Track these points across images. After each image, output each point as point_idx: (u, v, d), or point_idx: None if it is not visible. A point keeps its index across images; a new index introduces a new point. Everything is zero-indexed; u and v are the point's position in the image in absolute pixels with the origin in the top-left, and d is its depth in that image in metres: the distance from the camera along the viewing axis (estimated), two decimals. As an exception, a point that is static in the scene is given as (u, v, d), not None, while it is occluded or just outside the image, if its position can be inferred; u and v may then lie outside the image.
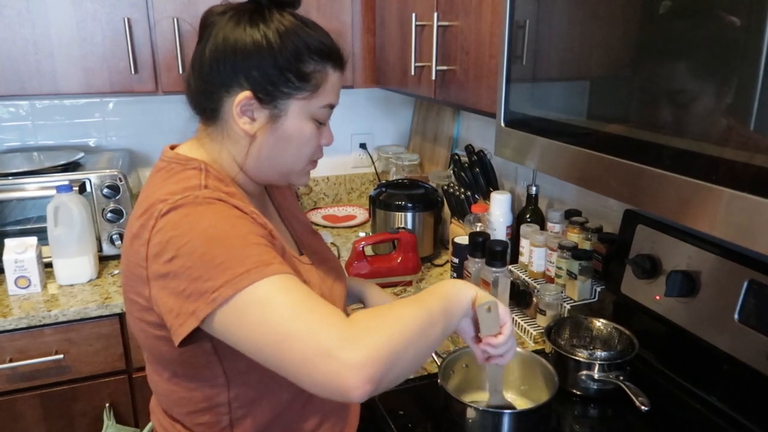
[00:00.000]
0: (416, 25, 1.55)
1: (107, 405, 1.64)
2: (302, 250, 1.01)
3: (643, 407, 1.02)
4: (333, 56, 0.87)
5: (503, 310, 0.88)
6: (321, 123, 0.89)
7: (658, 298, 1.19)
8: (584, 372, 1.13)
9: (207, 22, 0.86)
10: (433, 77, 1.49)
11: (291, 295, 0.72)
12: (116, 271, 1.74)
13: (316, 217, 2.29)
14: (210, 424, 0.90)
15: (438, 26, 1.45)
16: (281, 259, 0.77)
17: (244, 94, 0.83)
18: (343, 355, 0.67)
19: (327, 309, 0.72)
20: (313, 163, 0.94)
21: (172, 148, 0.92)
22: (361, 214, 2.32)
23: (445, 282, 0.87)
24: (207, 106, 0.87)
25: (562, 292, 1.38)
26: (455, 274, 1.54)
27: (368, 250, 1.76)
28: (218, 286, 0.71)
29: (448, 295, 0.84)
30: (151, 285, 0.78)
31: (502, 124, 1.12)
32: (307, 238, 1.05)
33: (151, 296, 0.79)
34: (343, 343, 0.68)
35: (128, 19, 1.68)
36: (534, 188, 1.61)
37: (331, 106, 0.89)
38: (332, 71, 0.87)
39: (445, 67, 1.47)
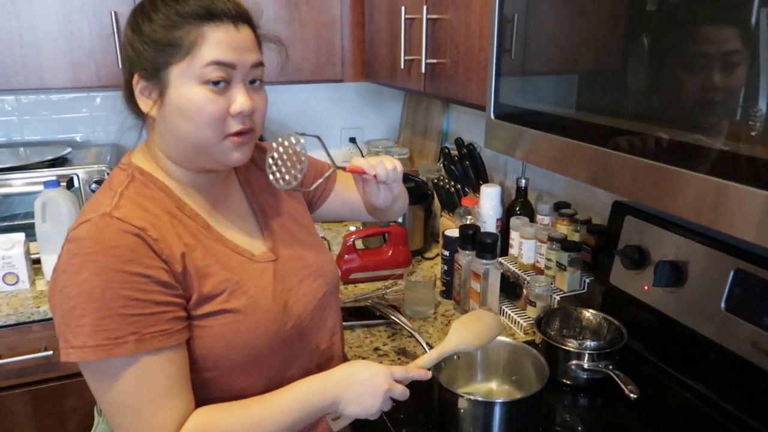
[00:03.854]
0: (405, 19, 1.55)
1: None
2: (268, 244, 0.96)
3: (632, 395, 1.03)
4: (210, 14, 0.82)
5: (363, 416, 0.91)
6: (215, 84, 0.81)
7: (646, 288, 1.20)
8: (574, 362, 1.15)
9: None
10: (423, 70, 1.50)
11: (134, 386, 0.77)
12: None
13: (306, 211, 2.28)
14: None
15: (427, 19, 1.45)
16: (150, 327, 0.77)
17: (136, 78, 0.85)
18: None
19: (161, 418, 0.78)
20: (237, 137, 0.85)
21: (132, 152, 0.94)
22: (351, 208, 2.31)
23: (323, 389, 0.88)
24: (130, 104, 0.89)
25: (551, 284, 1.39)
26: (446, 267, 1.54)
27: (359, 244, 1.76)
28: (75, 345, 0.75)
29: (309, 412, 0.87)
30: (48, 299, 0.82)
31: (492, 117, 1.12)
32: (282, 231, 1.00)
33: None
34: None
35: (115, 13, 1.67)
36: (524, 181, 1.61)
37: (218, 63, 0.81)
38: (213, 27, 0.81)
39: (434, 61, 1.47)
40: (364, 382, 0.88)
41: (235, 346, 0.86)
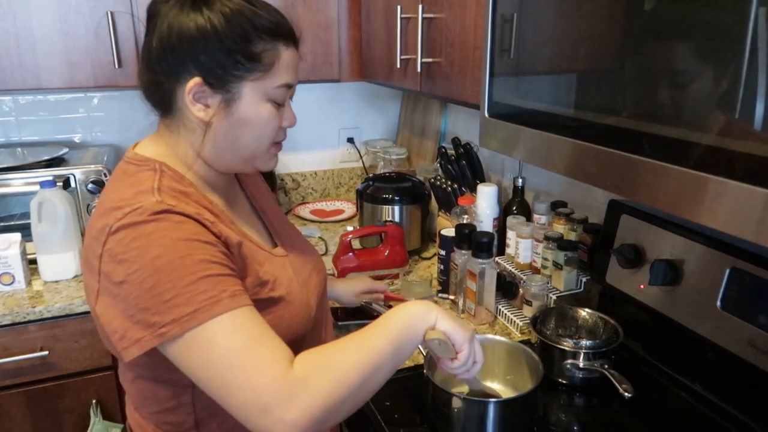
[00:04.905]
0: (401, 18, 1.55)
1: (94, 401, 1.63)
2: (277, 241, 0.98)
3: (626, 394, 1.03)
4: (282, 33, 0.84)
5: (460, 337, 0.86)
6: (279, 104, 0.86)
7: (642, 287, 1.20)
8: (569, 361, 1.14)
9: (152, 11, 0.83)
10: (419, 70, 1.49)
11: (236, 338, 0.73)
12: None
13: (304, 211, 2.28)
14: (176, 424, 0.88)
15: (423, 18, 1.45)
16: (233, 286, 0.75)
17: (194, 81, 0.81)
18: (277, 413, 0.70)
19: (270, 355, 0.73)
20: (277, 145, 0.91)
21: (136, 145, 0.90)
22: (349, 208, 2.31)
23: (404, 310, 0.84)
24: (160, 99, 0.85)
25: (548, 283, 1.39)
26: (442, 267, 1.54)
27: (356, 244, 1.76)
28: (166, 322, 0.72)
29: (404, 328, 0.83)
30: (98, 300, 0.77)
31: (486, 115, 1.12)
32: (282, 229, 1.02)
33: (96, 311, 0.78)
34: (278, 401, 0.71)
35: (111, 13, 1.67)
36: (520, 180, 1.61)
37: (288, 86, 0.86)
38: (284, 49, 0.84)
39: (430, 60, 1.47)
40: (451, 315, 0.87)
41: (281, 334, 0.83)
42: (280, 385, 0.71)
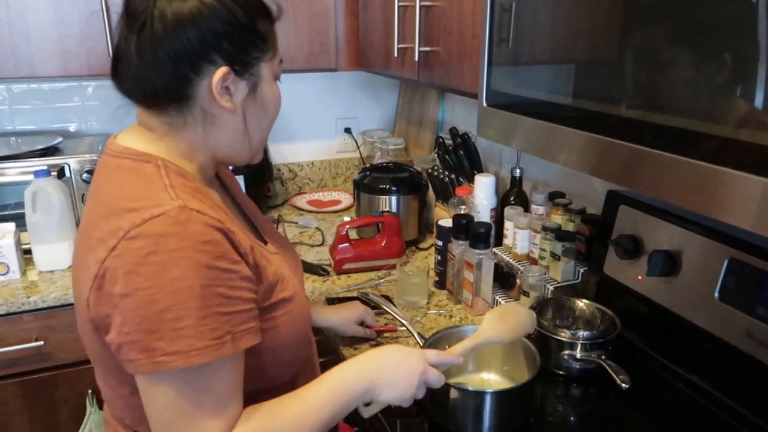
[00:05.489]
0: (399, 6, 1.54)
1: (90, 392, 1.63)
2: (265, 238, 0.94)
3: (623, 385, 1.02)
4: (271, 12, 0.83)
5: (400, 402, 0.88)
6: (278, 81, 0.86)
7: (640, 278, 1.20)
8: (567, 352, 1.14)
9: (139, 3, 0.75)
10: (416, 58, 1.48)
11: (196, 389, 0.71)
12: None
13: (300, 202, 2.27)
14: None
15: (420, 6, 1.43)
16: (239, 325, 0.73)
17: (222, 71, 0.76)
18: None
19: (219, 421, 0.73)
20: None
21: (117, 137, 0.84)
22: (346, 198, 2.31)
23: (346, 388, 0.83)
24: (169, 95, 0.77)
25: (545, 274, 1.38)
26: (439, 257, 1.53)
27: (352, 234, 1.75)
28: (170, 351, 0.68)
29: (344, 410, 0.83)
30: (90, 308, 0.73)
31: (484, 104, 1.11)
32: (265, 225, 1.00)
33: (91, 310, 0.74)
34: None
35: (105, 1, 1.65)
36: (518, 171, 1.60)
37: (281, 62, 0.86)
38: (274, 27, 0.84)
39: (428, 49, 1.45)
40: (399, 365, 0.85)
41: (294, 333, 0.85)
42: None
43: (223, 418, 0.74)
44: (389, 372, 0.84)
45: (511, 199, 1.60)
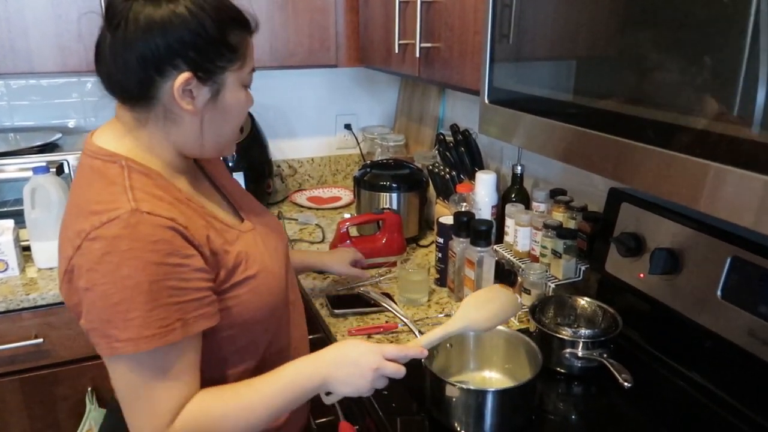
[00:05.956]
0: (400, 1, 1.53)
1: (89, 389, 1.62)
2: (242, 215, 1.01)
3: (626, 384, 1.02)
4: (248, 23, 0.88)
5: (357, 394, 0.93)
6: (247, 88, 0.91)
7: (642, 276, 1.19)
8: (568, 350, 1.13)
9: (116, 8, 0.80)
10: (417, 55, 1.47)
11: (150, 368, 0.80)
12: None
13: (300, 198, 2.27)
14: None
15: (421, 2, 1.42)
16: (191, 312, 0.81)
17: (184, 76, 0.81)
18: None
19: (163, 405, 0.82)
20: (241, 129, 0.97)
21: (93, 134, 0.90)
22: (346, 195, 2.30)
23: (304, 381, 0.90)
24: (135, 93, 0.84)
25: (546, 272, 1.38)
26: (440, 255, 1.53)
27: (353, 231, 1.74)
28: (122, 339, 0.77)
29: (294, 402, 0.90)
30: (64, 297, 0.85)
31: (486, 101, 1.10)
32: (244, 202, 1.05)
33: (64, 299, 0.86)
34: None
35: (104, -4, 1.64)
36: (519, 168, 1.60)
37: (254, 70, 0.91)
38: (249, 37, 0.89)
39: (428, 45, 1.44)
40: (353, 363, 0.90)
41: (260, 306, 0.93)
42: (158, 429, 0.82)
43: (176, 396, 0.83)
44: (343, 369, 0.90)
45: (512, 196, 1.59)
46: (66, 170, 1.68)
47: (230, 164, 1.99)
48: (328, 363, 0.91)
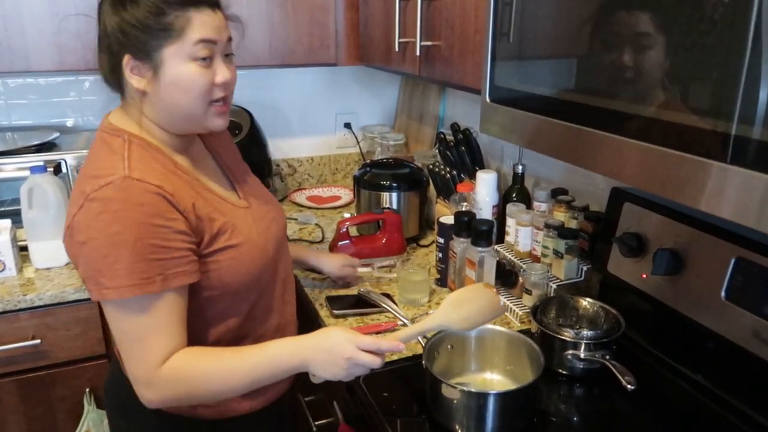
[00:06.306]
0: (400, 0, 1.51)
1: (87, 390, 1.61)
2: (240, 194, 1.12)
3: (629, 386, 1.01)
4: (191, 1, 0.95)
5: (335, 378, 0.99)
6: (203, 60, 0.96)
7: (644, 276, 1.18)
8: (570, 351, 1.12)
9: (99, 10, 0.98)
10: (418, 53, 1.46)
11: (141, 317, 0.92)
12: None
13: (300, 198, 2.26)
14: None
15: (422, 0, 1.41)
16: (171, 269, 0.92)
17: (126, 58, 0.95)
18: (140, 389, 0.95)
19: (153, 349, 0.93)
20: (220, 105, 1.00)
21: (109, 114, 1.04)
22: (345, 194, 2.29)
23: (285, 360, 0.98)
24: (114, 80, 1.00)
25: (548, 272, 1.36)
26: (441, 255, 1.52)
27: (353, 231, 1.73)
28: (108, 286, 0.89)
29: (272, 377, 0.98)
30: (66, 250, 0.96)
31: (488, 100, 1.09)
32: (245, 183, 1.15)
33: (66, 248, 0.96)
34: (141, 383, 0.95)
35: (101, -6, 1.62)
36: (520, 167, 1.58)
37: (206, 41, 0.95)
38: (196, 12, 0.94)
39: (429, 43, 1.43)
40: (328, 351, 0.96)
41: (239, 273, 1.02)
42: (145, 375, 0.94)
43: (164, 344, 0.93)
44: (320, 355, 0.96)
45: (513, 195, 1.58)
46: (64, 170, 1.67)
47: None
48: (308, 347, 0.97)
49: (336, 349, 0.95)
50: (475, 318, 1.05)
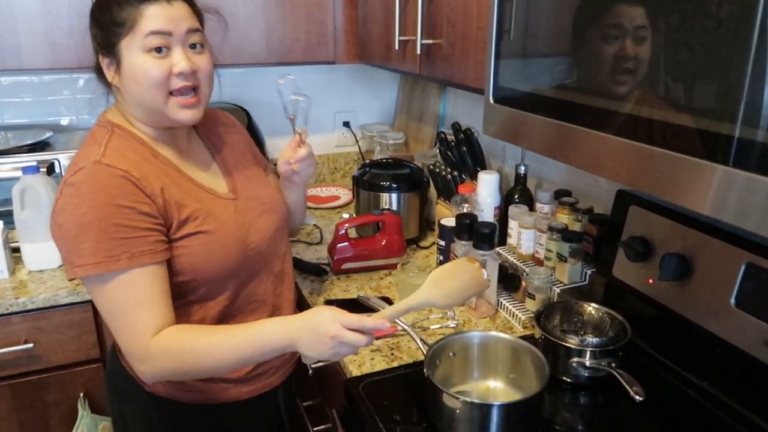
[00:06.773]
0: (400, -3, 1.48)
1: (81, 394, 1.58)
2: (229, 186, 1.14)
3: (637, 397, 0.98)
4: None
5: (323, 357, 0.99)
6: (158, 51, 0.98)
7: (651, 281, 1.15)
8: (575, 359, 1.09)
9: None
10: (418, 52, 1.43)
11: (122, 297, 0.96)
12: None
13: (298, 197, 2.22)
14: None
15: (423, -3, 1.38)
16: (138, 247, 0.95)
17: (100, 57, 1.02)
18: (134, 362, 0.98)
19: (141, 325, 0.96)
20: (186, 97, 1.01)
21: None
22: (344, 194, 2.26)
23: (274, 338, 0.98)
24: (102, 78, 1.06)
25: (551, 276, 1.34)
26: (441, 257, 1.49)
27: (352, 233, 1.70)
28: (78, 264, 0.94)
29: (261, 356, 1.01)
30: (52, 234, 0.99)
31: (491, 100, 1.06)
32: (239, 175, 1.17)
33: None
34: (133, 357, 0.98)
35: (95, -9, 1.59)
36: (523, 168, 1.56)
37: (157, 32, 0.97)
38: (148, 5, 0.97)
39: (430, 41, 1.40)
40: (313, 329, 0.96)
41: (210, 260, 1.05)
42: (136, 350, 0.97)
43: (150, 318, 0.96)
44: (307, 334, 0.96)
45: (516, 197, 1.56)
46: (57, 170, 1.64)
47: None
48: (296, 327, 0.98)
49: (321, 328, 0.95)
50: (458, 293, 1.04)
